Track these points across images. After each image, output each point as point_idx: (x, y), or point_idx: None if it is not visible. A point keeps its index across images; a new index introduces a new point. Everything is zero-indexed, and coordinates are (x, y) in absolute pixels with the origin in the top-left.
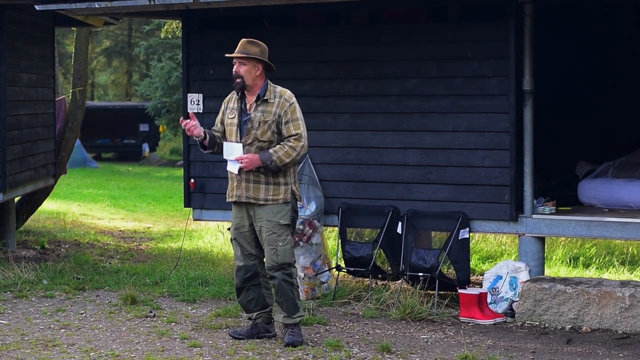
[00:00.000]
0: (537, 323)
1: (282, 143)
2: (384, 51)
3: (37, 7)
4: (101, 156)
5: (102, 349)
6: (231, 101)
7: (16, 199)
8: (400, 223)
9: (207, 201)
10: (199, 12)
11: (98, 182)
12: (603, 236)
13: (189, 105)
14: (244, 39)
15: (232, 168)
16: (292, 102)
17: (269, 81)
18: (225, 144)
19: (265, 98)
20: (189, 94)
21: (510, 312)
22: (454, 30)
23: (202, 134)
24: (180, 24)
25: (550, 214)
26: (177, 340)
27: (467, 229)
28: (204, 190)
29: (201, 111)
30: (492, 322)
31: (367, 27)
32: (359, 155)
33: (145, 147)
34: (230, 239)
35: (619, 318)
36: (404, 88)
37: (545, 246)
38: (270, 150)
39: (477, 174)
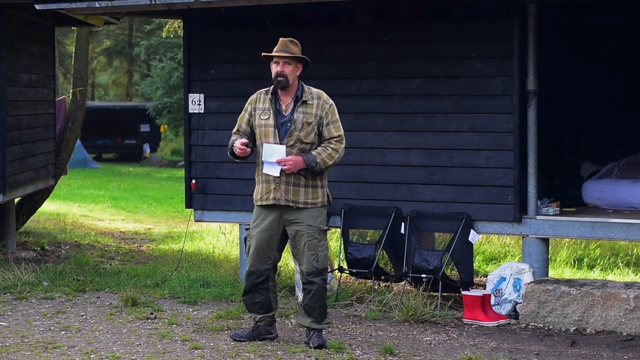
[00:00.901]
0: (541, 325)
1: (324, 145)
2: (386, 51)
3: (37, 7)
4: (102, 157)
5: (102, 351)
6: (259, 101)
7: (16, 200)
8: (403, 224)
9: (208, 202)
10: (200, 11)
11: (98, 182)
12: (608, 237)
13: (190, 106)
14: (284, 38)
15: (271, 170)
16: (331, 104)
17: (302, 82)
18: (265, 145)
19: (304, 99)
20: (190, 94)
21: (514, 314)
22: (458, 29)
23: (248, 149)
24: (182, 24)
25: (554, 215)
26: (178, 342)
27: (477, 233)
28: (205, 191)
29: (202, 111)
30: (495, 324)
31: (370, 26)
32: (361, 155)
33: (146, 148)
34: (244, 239)
35: (623, 320)
36: (407, 88)
37: (550, 247)
38: (314, 152)
39: (481, 175)
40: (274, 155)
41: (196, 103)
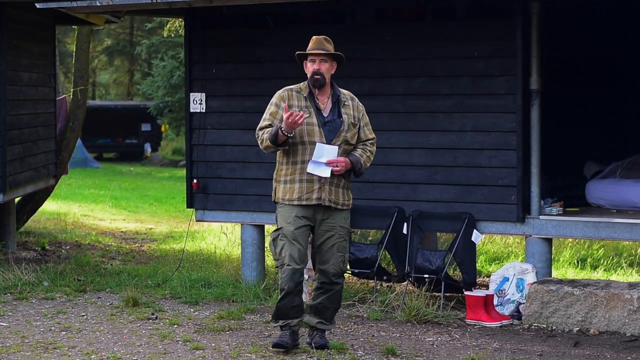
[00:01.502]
0: (544, 325)
1: (362, 147)
2: (389, 50)
3: (37, 5)
4: (102, 156)
5: (103, 351)
6: (293, 99)
7: (16, 200)
8: (405, 224)
9: (209, 202)
10: (201, 10)
11: (99, 182)
12: (611, 237)
13: (192, 105)
14: (318, 36)
15: (319, 171)
16: (360, 105)
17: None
18: (318, 145)
19: (342, 100)
20: (191, 93)
21: (517, 315)
22: (460, 28)
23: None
24: (183, 22)
25: (558, 215)
26: (180, 342)
27: (480, 233)
28: (206, 190)
29: (204, 111)
30: (498, 325)
31: (372, 25)
32: None
33: (147, 147)
34: (274, 239)
35: (627, 320)
36: (410, 87)
37: (553, 247)
38: (357, 155)
39: (484, 175)
40: (324, 156)
41: (197, 102)
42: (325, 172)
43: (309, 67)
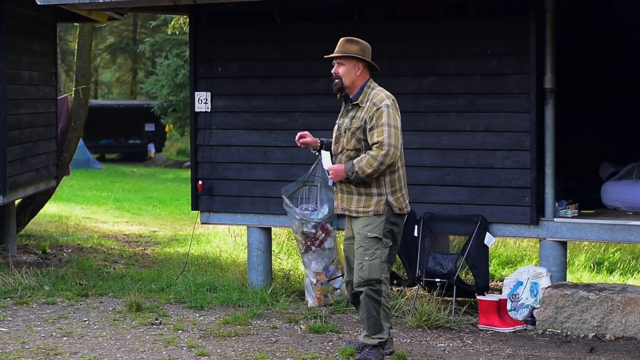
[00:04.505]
0: (559, 331)
1: (366, 152)
2: (399, 48)
3: (38, 2)
4: (105, 157)
5: (105, 357)
6: (342, 104)
7: (17, 202)
8: (416, 226)
9: (215, 204)
10: (206, 7)
11: (102, 183)
12: (627, 240)
13: (197, 104)
14: (343, 38)
15: (329, 180)
16: (380, 107)
17: (370, 83)
18: (322, 152)
19: (357, 102)
20: (196, 92)
21: (530, 320)
22: (472, 26)
23: (317, 143)
24: (188, 20)
25: (573, 217)
26: (184, 348)
27: (493, 236)
28: (212, 192)
29: (209, 110)
30: (512, 330)
31: (382, 22)
32: None
33: (151, 148)
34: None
35: None
36: (420, 86)
37: (568, 251)
38: (354, 161)
39: (497, 176)
40: (326, 164)
41: (203, 101)
42: (330, 181)
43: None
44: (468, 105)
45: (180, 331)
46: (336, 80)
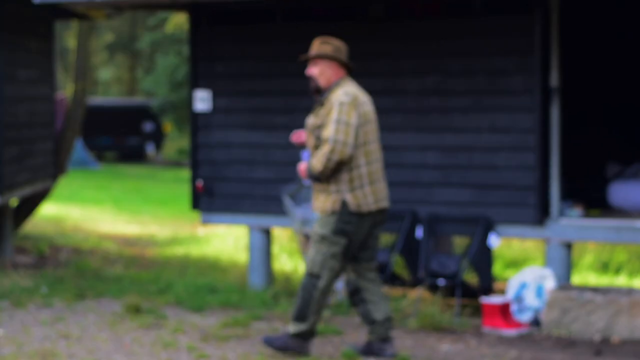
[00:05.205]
0: (565, 333)
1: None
2: (401, 46)
3: (35, 1)
4: (103, 156)
5: None
6: None
7: (14, 202)
8: (419, 227)
9: (215, 203)
10: (207, 5)
11: (100, 183)
12: (634, 241)
13: (197, 103)
14: (317, 39)
15: None
16: (338, 103)
17: (341, 82)
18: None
19: (323, 102)
20: (196, 91)
21: (535, 322)
22: (476, 24)
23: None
24: (187, 18)
25: (578, 217)
26: (184, 351)
27: (497, 237)
28: (212, 192)
29: (209, 109)
30: (516, 333)
31: (384, 21)
32: None
33: (150, 147)
34: None
35: None
36: (423, 85)
37: (573, 252)
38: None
39: (501, 176)
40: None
41: (203, 101)
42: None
43: None
44: (472, 104)
45: (179, 333)
46: (311, 81)
